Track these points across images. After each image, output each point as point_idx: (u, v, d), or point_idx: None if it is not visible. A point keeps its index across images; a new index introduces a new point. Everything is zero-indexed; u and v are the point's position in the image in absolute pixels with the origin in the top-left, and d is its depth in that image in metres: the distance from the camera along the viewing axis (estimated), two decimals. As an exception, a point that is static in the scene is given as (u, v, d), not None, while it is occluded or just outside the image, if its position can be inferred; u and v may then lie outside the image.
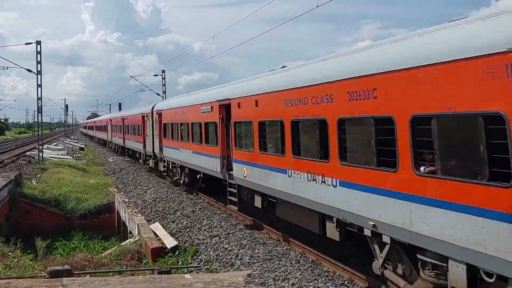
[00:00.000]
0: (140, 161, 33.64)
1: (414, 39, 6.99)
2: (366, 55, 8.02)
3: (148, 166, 30.02)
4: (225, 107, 14.44)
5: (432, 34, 6.63)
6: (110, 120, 50.79)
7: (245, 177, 12.84)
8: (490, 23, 5.70)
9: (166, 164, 24.25)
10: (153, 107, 26.90)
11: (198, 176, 18.62)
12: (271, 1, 17.34)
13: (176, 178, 22.59)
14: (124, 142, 40.06)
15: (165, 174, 25.66)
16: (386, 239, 7.35)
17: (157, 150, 25.79)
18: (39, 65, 34.29)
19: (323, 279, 9.24)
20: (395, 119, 6.86)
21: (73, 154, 47.53)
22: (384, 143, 7.23)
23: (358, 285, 8.98)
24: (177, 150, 20.89)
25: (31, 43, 34.46)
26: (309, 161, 9.48)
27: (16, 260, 13.31)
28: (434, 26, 6.85)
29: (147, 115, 28.21)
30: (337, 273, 9.64)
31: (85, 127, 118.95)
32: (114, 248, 17.85)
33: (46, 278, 9.69)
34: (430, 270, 6.72)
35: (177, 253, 13.43)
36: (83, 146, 64.00)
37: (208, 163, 16.38)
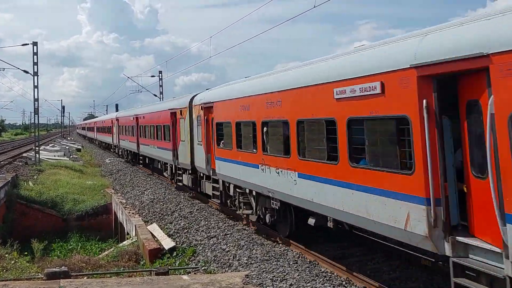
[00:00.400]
0: (165, 174, 24.64)
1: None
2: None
3: (180, 183, 21.75)
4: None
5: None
6: (117, 120, 42.31)
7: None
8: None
9: (221, 186, 15.72)
10: (192, 99, 18.55)
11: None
12: (268, 2, 17.36)
13: (245, 212, 13.84)
14: (138, 148, 31.66)
15: (215, 200, 17.27)
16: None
17: (201, 164, 17.36)
18: (35, 66, 34.20)
19: (320, 279, 9.25)
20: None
21: (70, 155, 47.41)
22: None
23: (356, 285, 8.99)
24: (251, 167, 12.50)
25: (28, 44, 34.38)
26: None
27: (13, 262, 13.27)
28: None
29: (180, 112, 20.04)
30: (335, 274, 9.65)
31: (83, 128, 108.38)
32: (111, 249, 17.80)
33: (43, 280, 9.68)
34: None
35: (174, 254, 13.41)
36: (80, 147, 63.85)
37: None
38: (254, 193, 12.89)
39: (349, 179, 8.23)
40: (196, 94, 18.66)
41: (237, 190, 14.07)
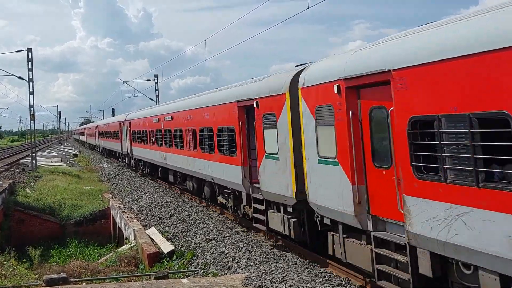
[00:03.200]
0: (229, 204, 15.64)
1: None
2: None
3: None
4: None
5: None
6: (129, 123, 32.61)
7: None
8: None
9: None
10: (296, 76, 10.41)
11: None
12: (263, 3, 17.38)
13: None
14: (164, 159, 23.46)
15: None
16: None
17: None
18: (30, 73, 34.15)
19: (320, 279, 9.24)
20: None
21: (67, 161, 47.31)
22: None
23: (355, 285, 8.99)
24: None
25: (22, 50, 34.33)
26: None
27: (11, 269, 13.22)
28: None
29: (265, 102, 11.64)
30: (334, 274, 9.65)
31: (81, 134, 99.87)
32: (110, 254, 17.75)
33: (42, 286, 9.65)
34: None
35: (174, 257, 13.37)
36: (77, 152, 63.71)
37: None
38: None
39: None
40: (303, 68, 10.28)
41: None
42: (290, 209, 10.78)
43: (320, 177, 9.21)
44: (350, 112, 8.11)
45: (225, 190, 15.28)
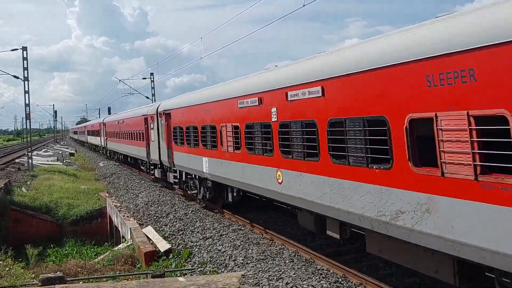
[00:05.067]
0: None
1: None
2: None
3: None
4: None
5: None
6: (167, 115, 20.69)
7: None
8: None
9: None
10: None
11: None
12: (258, 1, 17.35)
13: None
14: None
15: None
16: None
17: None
18: (25, 72, 34.00)
19: (317, 277, 9.26)
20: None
21: (63, 160, 47.17)
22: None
23: (352, 282, 9.01)
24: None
25: (17, 49, 34.17)
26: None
27: (7, 268, 13.15)
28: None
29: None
30: (331, 271, 9.67)
31: (81, 133, 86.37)
32: (107, 253, 17.73)
33: (39, 286, 9.61)
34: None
35: (170, 256, 13.37)
36: (73, 151, 63.53)
37: None
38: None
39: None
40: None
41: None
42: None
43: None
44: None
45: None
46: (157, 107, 22.17)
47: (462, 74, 5.73)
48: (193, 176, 17.75)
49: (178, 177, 19.72)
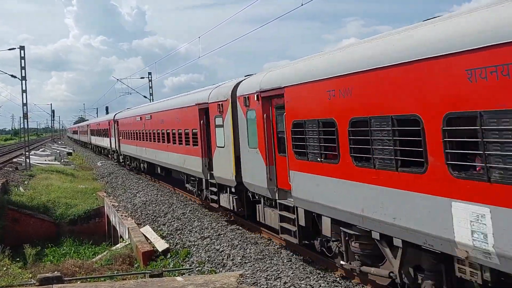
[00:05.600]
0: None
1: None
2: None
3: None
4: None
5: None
6: (244, 100, 12.27)
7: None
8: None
9: None
10: None
11: None
12: (256, 1, 17.31)
13: None
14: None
15: None
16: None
17: None
18: (23, 71, 33.93)
19: (315, 276, 9.26)
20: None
21: (61, 160, 47.09)
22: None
23: (350, 281, 9.02)
24: None
25: (14, 48, 34.11)
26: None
27: (5, 268, 13.15)
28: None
29: None
30: (329, 270, 9.67)
31: (83, 132, 73.87)
32: (105, 253, 17.71)
33: (36, 286, 9.60)
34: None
35: (168, 256, 13.36)
36: (71, 151, 63.43)
37: None
38: None
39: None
40: None
41: None
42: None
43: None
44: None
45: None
46: (234, 87, 13.27)
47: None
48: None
49: (297, 222, 10.03)
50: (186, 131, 17.69)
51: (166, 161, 21.42)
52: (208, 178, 15.78)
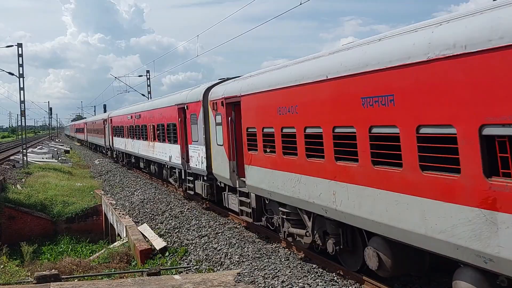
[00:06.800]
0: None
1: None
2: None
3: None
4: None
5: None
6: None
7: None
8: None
9: None
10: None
11: None
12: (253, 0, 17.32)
13: None
14: None
15: None
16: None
17: None
18: (20, 68, 33.81)
19: (312, 275, 9.27)
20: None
21: (58, 157, 47.00)
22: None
23: (347, 281, 9.03)
24: None
25: (12, 45, 33.97)
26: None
27: (2, 266, 13.13)
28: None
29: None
30: (327, 269, 9.68)
31: (89, 131, 58.95)
32: (102, 251, 17.71)
33: (33, 284, 9.58)
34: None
35: (166, 254, 13.37)
36: (68, 149, 63.31)
37: None
38: None
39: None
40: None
41: None
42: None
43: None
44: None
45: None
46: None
47: None
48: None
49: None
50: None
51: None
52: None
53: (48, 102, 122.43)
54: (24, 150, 36.83)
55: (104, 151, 45.34)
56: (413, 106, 6.27)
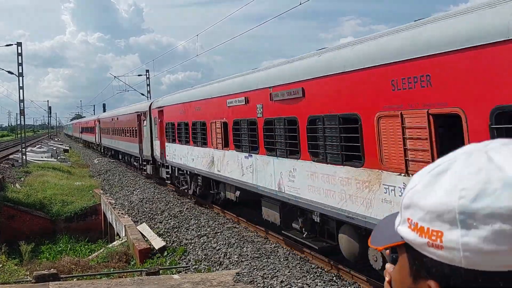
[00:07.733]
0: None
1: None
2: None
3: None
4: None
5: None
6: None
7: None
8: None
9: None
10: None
11: None
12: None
13: None
14: None
15: None
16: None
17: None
18: (20, 67, 33.77)
19: (311, 275, 9.28)
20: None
21: (58, 157, 46.96)
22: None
23: (346, 281, 9.04)
24: None
25: (11, 44, 33.92)
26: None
27: (0, 265, 13.12)
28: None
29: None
30: (326, 269, 9.69)
31: (105, 131, 44.07)
32: (101, 250, 17.69)
33: (32, 283, 9.58)
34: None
35: (165, 253, 13.35)
36: (67, 148, 63.27)
37: None
38: None
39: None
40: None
41: None
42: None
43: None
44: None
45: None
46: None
47: None
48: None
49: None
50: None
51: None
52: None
53: (48, 101, 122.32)
54: (23, 149, 36.79)
55: (137, 164, 29.13)
56: None
